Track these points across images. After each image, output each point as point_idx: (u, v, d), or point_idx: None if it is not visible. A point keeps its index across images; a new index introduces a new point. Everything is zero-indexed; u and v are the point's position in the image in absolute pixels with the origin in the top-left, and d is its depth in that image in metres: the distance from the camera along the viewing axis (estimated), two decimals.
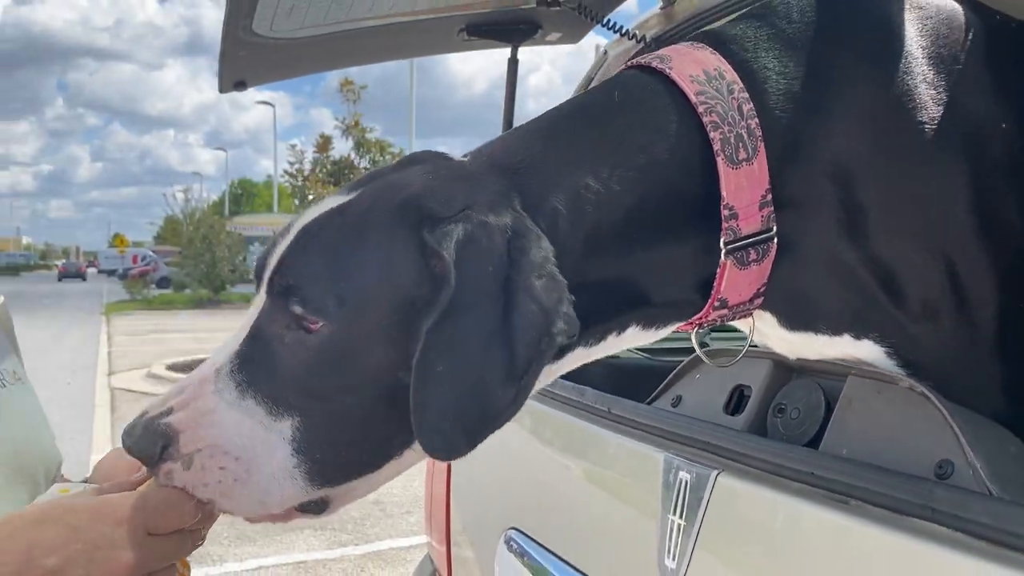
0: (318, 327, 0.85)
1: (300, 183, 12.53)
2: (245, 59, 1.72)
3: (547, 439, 1.48)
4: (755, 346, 1.07)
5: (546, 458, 1.47)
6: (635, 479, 1.17)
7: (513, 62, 1.87)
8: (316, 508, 0.93)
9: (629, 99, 0.94)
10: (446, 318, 0.81)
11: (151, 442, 0.86)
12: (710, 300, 0.94)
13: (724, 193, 0.90)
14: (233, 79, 1.80)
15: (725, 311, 0.95)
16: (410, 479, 5.98)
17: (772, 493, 0.92)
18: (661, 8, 1.72)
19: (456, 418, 0.81)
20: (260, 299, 0.90)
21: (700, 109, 0.90)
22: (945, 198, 0.94)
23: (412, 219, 0.85)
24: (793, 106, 0.92)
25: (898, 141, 0.93)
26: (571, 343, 0.87)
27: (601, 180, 0.90)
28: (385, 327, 0.85)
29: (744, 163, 0.90)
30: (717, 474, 0.99)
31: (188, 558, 0.90)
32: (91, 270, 70.74)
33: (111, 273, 55.81)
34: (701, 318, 0.97)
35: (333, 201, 0.92)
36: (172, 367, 11.34)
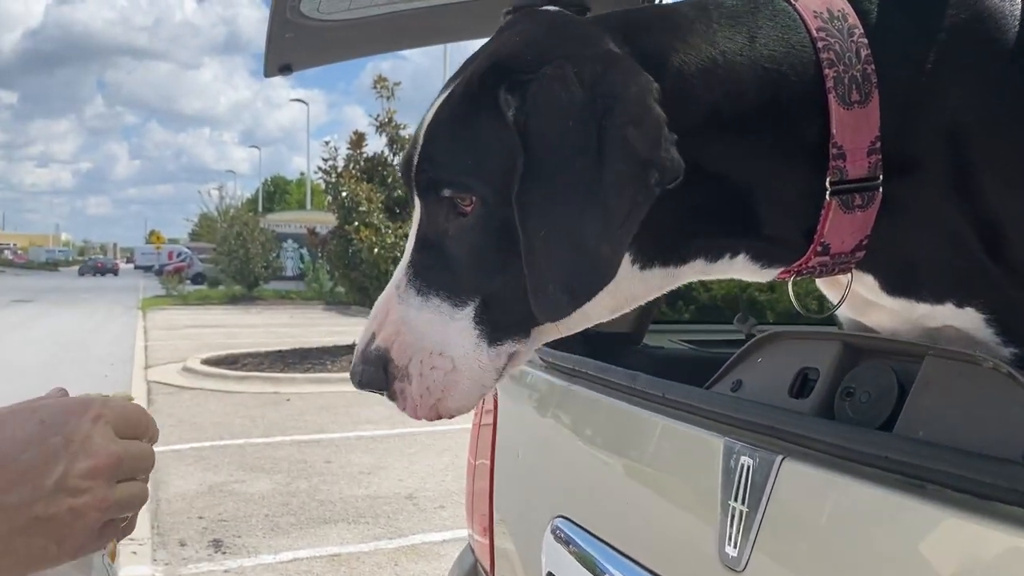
0: (472, 206, 0.89)
1: (334, 180, 12.53)
2: (292, 42, 1.71)
3: (597, 425, 1.44)
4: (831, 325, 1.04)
5: (596, 445, 1.44)
6: (691, 465, 1.14)
7: None
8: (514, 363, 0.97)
9: (763, 11, 0.95)
10: (527, 183, 0.83)
11: (375, 370, 0.92)
12: (813, 243, 0.94)
13: (834, 131, 0.90)
14: (279, 63, 1.79)
15: (826, 258, 0.95)
16: (442, 474, 6.01)
17: (841, 478, 0.88)
18: None
19: (558, 279, 0.84)
20: (416, 208, 0.95)
21: (819, 44, 0.91)
22: None
23: (495, 82, 0.87)
24: (911, 60, 0.93)
25: (1011, 100, 0.92)
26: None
27: (731, 63, 0.90)
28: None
29: (856, 105, 0.90)
30: (782, 459, 0.95)
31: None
32: (128, 266, 71.79)
33: (147, 269, 56.60)
34: (803, 264, 0.97)
35: (447, 88, 0.95)
36: (207, 361, 11.46)
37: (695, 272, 0.98)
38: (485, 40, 1.06)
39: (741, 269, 0.98)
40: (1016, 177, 0.93)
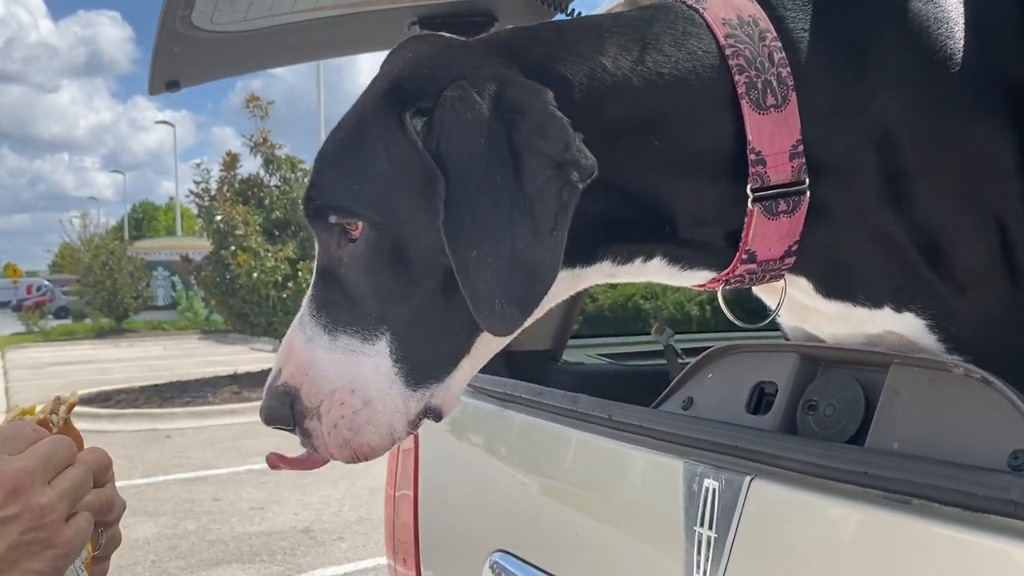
0: (359, 229, 0.87)
1: (207, 203, 12.04)
2: (181, 56, 1.58)
3: (536, 452, 1.38)
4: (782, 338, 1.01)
5: (537, 472, 1.37)
6: (648, 490, 1.08)
7: None
8: (434, 414, 0.94)
9: (664, 20, 0.93)
10: (453, 208, 0.82)
11: (281, 405, 0.91)
12: (738, 251, 0.91)
13: (750, 136, 0.88)
14: (166, 79, 1.65)
15: (753, 266, 0.93)
16: (339, 504, 5.81)
17: (817, 497, 0.85)
18: None
19: (503, 293, 0.82)
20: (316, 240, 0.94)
21: (728, 52, 0.89)
22: (992, 163, 0.92)
23: (397, 106, 0.86)
24: (831, 65, 0.91)
25: (942, 106, 0.91)
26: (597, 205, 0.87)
27: (621, 69, 0.88)
28: (415, 212, 0.85)
29: (772, 109, 0.88)
30: (751, 480, 0.91)
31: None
32: None
33: (3, 305, 53.18)
34: (729, 272, 0.94)
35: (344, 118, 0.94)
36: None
37: (601, 275, 0.96)
38: (384, 52, 1.03)
39: (656, 272, 0.96)
40: (952, 187, 0.93)
